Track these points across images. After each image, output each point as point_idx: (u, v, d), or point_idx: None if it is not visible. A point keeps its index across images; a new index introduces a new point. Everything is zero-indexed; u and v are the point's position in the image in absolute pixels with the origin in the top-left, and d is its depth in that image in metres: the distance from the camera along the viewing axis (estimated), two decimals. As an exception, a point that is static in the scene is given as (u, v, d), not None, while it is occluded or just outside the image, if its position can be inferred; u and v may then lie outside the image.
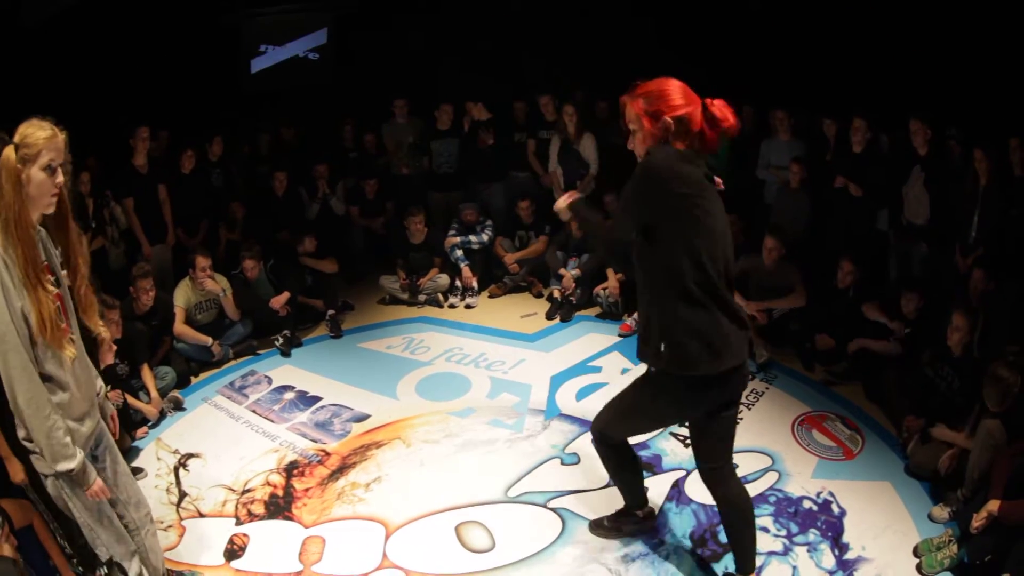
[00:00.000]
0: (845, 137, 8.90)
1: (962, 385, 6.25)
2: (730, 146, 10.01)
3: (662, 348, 4.20)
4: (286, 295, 8.89)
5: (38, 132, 3.53)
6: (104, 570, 4.24)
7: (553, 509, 5.89)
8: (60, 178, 3.62)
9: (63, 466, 3.75)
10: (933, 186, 8.17)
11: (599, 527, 5.62)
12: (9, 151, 3.47)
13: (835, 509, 5.86)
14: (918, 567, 5.23)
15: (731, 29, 10.87)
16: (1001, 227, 7.61)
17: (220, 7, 11.03)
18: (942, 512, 5.69)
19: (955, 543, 5.23)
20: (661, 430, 6.60)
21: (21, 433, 3.77)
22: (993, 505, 5.00)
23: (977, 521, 5.03)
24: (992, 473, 5.29)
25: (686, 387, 4.29)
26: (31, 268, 3.55)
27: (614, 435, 4.97)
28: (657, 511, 5.76)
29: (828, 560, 5.33)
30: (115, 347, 6.78)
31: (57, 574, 4.77)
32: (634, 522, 5.55)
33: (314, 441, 6.93)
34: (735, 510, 4.78)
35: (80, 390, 3.89)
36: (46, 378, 3.68)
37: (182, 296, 8.30)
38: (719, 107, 4.06)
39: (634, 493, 5.46)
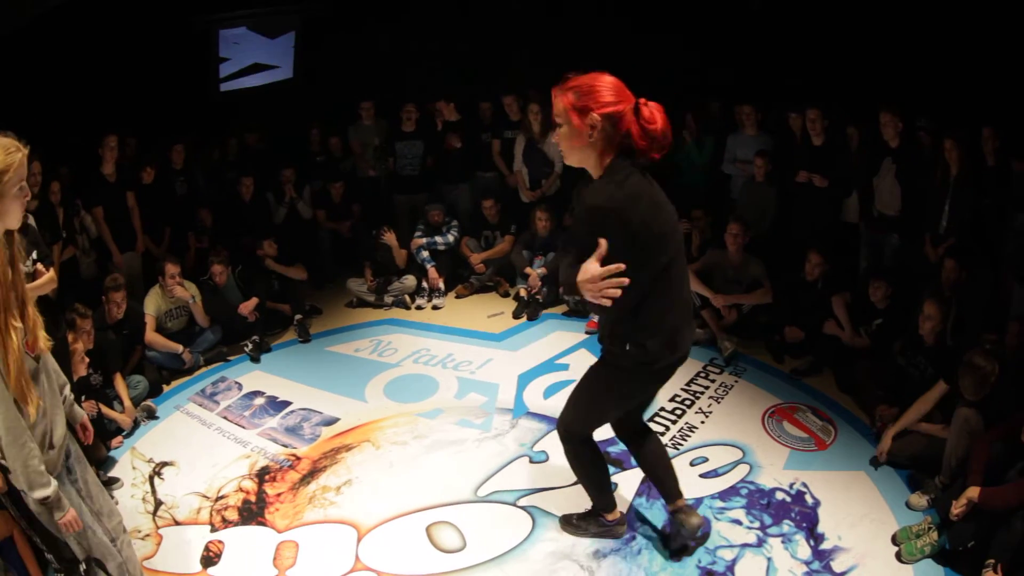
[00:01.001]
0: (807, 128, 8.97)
1: (935, 373, 6.31)
2: (715, 145, 10.15)
3: (627, 348, 4.30)
4: (254, 301, 8.93)
5: (15, 155, 3.44)
6: (83, 567, 4.27)
7: (523, 507, 5.96)
8: (28, 194, 3.58)
9: (39, 494, 3.75)
10: (904, 177, 8.23)
11: (568, 523, 5.69)
12: None
13: (809, 500, 5.95)
14: (898, 555, 5.31)
15: (698, 25, 10.93)
16: (973, 216, 7.71)
17: (188, 12, 11.01)
18: (920, 500, 5.78)
19: (935, 530, 5.31)
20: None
21: None
22: (973, 492, 5.05)
23: (957, 508, 5.07)
24: (970, 459, 5.34)
25: (643, 376, 4.50)
26: (3, 312, 3.50)
27: (579, 430, 5.04)
28: (627, 510, 5.83)
29: (804, 551, 5.42)
30: (87, 358, 6.83)
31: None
32: (601, 525, 5.57)
33: (285, 446, 6.98)
34: (655, 454, 5.24)
35: (48, 417, 3.86)
36: (17, 404, 3.63)
37: (152, 304, 8.32)
38: (651, 108, 3.92)
39: (601, 493, 5.48)
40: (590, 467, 5.31)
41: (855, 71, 9.48)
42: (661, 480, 5.27)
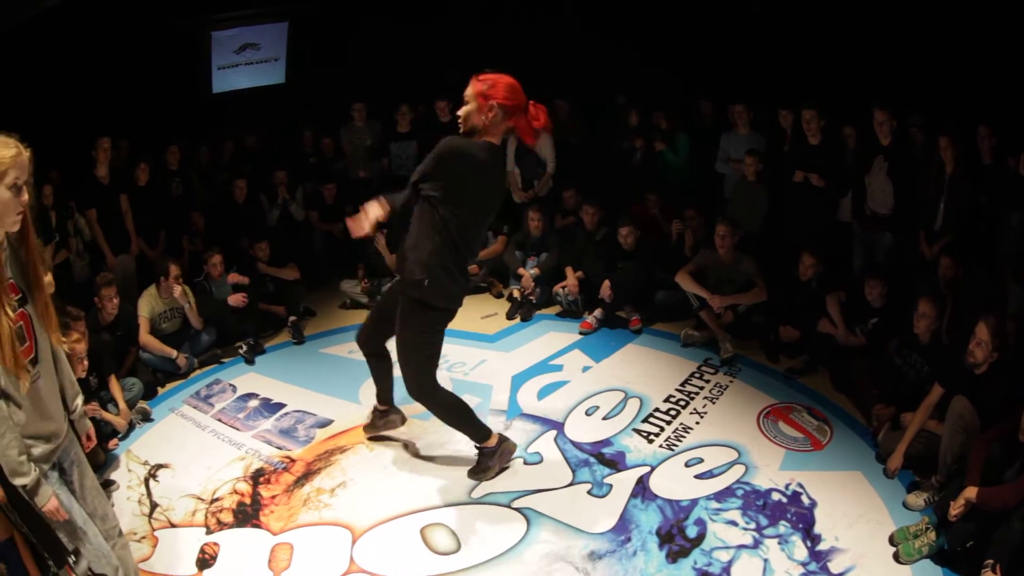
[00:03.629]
0: (801, 128, 8.96)
1: (931, 372, 6.33)
2: (690, 141, 10.16)
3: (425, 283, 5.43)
4: (243, 295, 8.97)
5: (3, 151, 3.47)
6: (72, 558, 4.27)
7: (517, 509, 5.97)
8: (25, 196, 3.57)
9: (18, 481, 3.77)
10: (897, 175, 8.25)
11: (474, 475, 6.32)
12: None
13: (805, 500, 5.97)
14: (895, 556, 5.33)
15: (690, 25, 10.95)
16: (969, 214, 7.72)
17: (178, 14, 11.00)
18: (917, 500, 5.80)
19: (932, 530, 5.33)
20: None
21: None
22: (971, 492, 5.06)
23: (955, 508, 5.09)
24: (968, 459, 5.34)
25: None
26: None
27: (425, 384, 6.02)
28: (622, 511, 5.89)
29: (800, 552, 5.44)
30: (87, 361, 6.82)
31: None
32: (491, 455, 6.25)
33: (279, 448, 6.98)
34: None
35: (37, 410, 3.87)
36: (1, 394, 3.67)
37: (146, 306, 8.32)
38: (536, 107, 5.34)
39: (474, 427, 6.19)
40: (454, 409, 6.13)
41: (849, 69, 9.48)
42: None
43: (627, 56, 10.83)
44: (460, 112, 5.35)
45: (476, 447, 6.25)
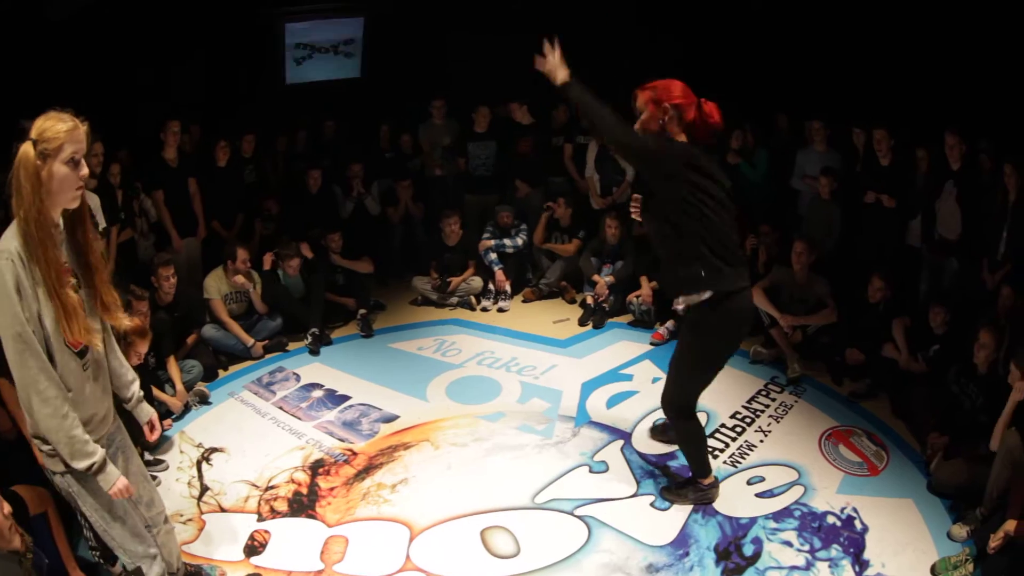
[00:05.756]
0: (874, 148, 8.86)
1: (986, 403, 6.17)
2: (768, 156, 9.97)
3: (702, 274, 5.14)
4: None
5: (57, 125, 3.40)
6: (122, 567, 4.19)
7: (580, 517, 5.83)
8: (84, 170, 3.52)
9: (82, 463, 3.66)
10: (965, 201, 8.08)
11: (669, 491, 6.08)
12: (27, 147, 3.35)
13: (858, 525, 5.83)
14: (934, 585, 5.24)
15: (769, 39, 10.79)
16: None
17: (255, 2, 11.01)
18: (961, 531, 5.65)
19: (971, 562, 5.23)
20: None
21: (29, 429, 3.71)
22: (1010, 525, 5.00)
23: (994, 541, 5.03)
24: (1011, 492, 5.28)
25: (724, 325, 5.32)
26: (52, 269, 3.46)
27: (683, 402, 5.66)
28: (682, 526, 5.77)
29: (848, 576, 5.34)
30: (143, 348, 6.67)
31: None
32: (698, 490, 5.97)
33: (341, 440, 6.87)
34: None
35: (84, 394, 3.77)
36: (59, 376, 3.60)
37: (214, 287, 8.35)
38: (710, 106, 5.10)
39: (700, 462, 5.92)
40: (694, 438, 5.84)
41: (926, 90, 9.27)
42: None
43: (707, 66, 10.66)
44: (637, 126, 5.16)
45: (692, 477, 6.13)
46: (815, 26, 10.45)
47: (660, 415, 7.00)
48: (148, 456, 6.33)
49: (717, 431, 7.04)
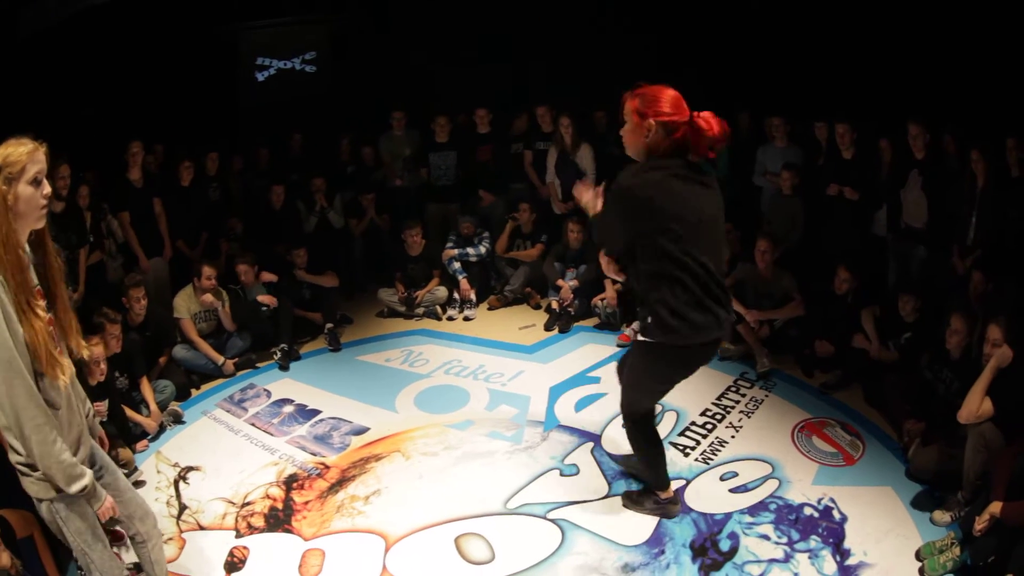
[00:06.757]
0: (836, 142, 8.93)
1: (961, 387, 6.18)
2: (729, 154, 10.05)
3: (648, 320, 4.81)
4: (272, 297, 8.92)
5: (19, 148, 3.46)
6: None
7: (553, 520, 5.88)
8: (47, 189, 3.57)
9: (76, 486, 3.69)
10: (930, 189, 8.17)
11: (627, 498, 6.02)
12: None
13: (836, 515, 5.88)
14: (921, 571, 5.27)
15: (727, 37, 10.91)
16: (999, 228, 7.60)
17: (215, 20, 11.03)
18: (944, 515, 5.72)
19: (957, 546, 5.27)
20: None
21: (13, 457, 3.70)
22: (995, 507, 5.02)
23: (980, 524, 5.04)
24: (993, 474, 5.30)
25: (670, 356, 4.96)
26: (23, 293, 3.48)
27: (635, 409, 5.48)
28: (656, 524, 5.81)
29: (830, 566, 5.36)
30: (104, 366, 6.72)
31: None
32: (655, 502, 5.88)
33: (313, 454, 6.92)
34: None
35: (70, 413, 3.81)
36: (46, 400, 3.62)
37: (183, 306, 8.35)
38: (704, 118, 4.59)
39: (656, 472, 5.83)
40: (646, 445, 5.67)
41: (886, 82, 9.41)
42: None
43: (666, 66, 10.76)
44: (621, 132, 4.82)
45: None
46: (772, 24, 10.59)
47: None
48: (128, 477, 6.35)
49: (687, 429, 7.11)
